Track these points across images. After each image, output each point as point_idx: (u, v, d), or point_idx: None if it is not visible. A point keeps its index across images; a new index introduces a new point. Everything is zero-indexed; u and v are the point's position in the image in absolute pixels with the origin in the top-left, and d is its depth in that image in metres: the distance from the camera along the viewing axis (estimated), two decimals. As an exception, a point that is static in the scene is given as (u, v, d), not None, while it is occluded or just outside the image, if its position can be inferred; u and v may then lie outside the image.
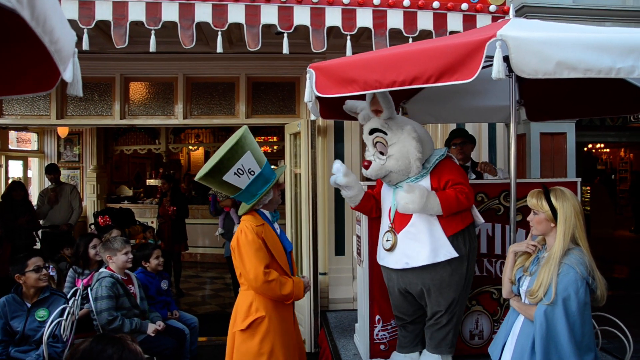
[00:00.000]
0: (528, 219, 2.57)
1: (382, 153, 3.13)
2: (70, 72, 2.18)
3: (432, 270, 3.10)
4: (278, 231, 3.16)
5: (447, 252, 3.08)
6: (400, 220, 3.19)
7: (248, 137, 2.91)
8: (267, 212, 3.12)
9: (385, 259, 3.29)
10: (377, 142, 3.16)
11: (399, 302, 3.40)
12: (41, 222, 7.08)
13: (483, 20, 3.93)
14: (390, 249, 3.21)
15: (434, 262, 3.07)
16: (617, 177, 14.70)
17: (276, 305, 2.96)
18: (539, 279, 2.37)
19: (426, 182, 3.13)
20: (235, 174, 2.85)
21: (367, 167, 3.16)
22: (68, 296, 3.81)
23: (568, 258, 2.36)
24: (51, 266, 4.50)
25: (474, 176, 4.42)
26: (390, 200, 3.24)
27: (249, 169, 2.89)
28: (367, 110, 3.21)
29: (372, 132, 3.17)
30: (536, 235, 2.59)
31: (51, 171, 7.29)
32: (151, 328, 3.86)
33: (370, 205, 3.45)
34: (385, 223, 3.32)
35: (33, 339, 3.54)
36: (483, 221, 3.34)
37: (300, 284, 3.05)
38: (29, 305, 3.61)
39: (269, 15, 3.78)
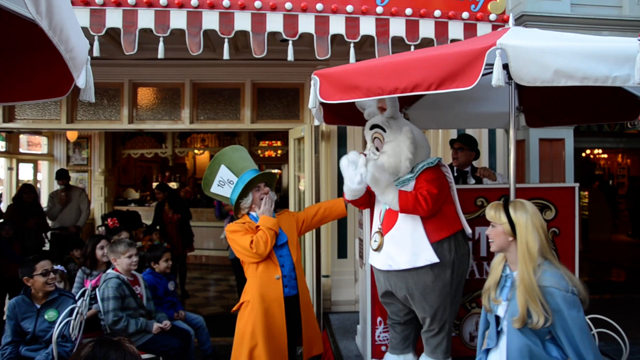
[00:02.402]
0: (486, 232, 2.48)
1: (377, 149, 3.21)
2: (84, 78, 2.27)
3: (415, 275, 3.13)
4: None
5: (428, 257, 3.09)
6: (388, 223, 3.26)
7: (227, 153, 3.39)
8: (254, 213, 3.40)
9: (373, 259, 3.36)
10: (375, 138, 3.24)
11: (388, 301, 3.45)
12: (51, 223, 7.18)
13: (483, 29, 4.01)
14: (377, 250, 3.28)
15: (415, 267, 3.10)
16: (614, 183, 14.74)
17: (261, 292, 3.24)
18: (522, 305, 2.23)
19: (412, 185, 3.18)
20: (218, 185, 3.36)
21: None
22: (77, 297, 3.89)
23: (544, 279, 2.23)
24: (60, 266, 4.58)
25: (473, 181, 4.48)
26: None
27: (228, 179, 3.35)
28: (373, 107, 3.30)
29: (372, 127, 3.26)
30: (497, 252, 2.50)
31: (61, 177, 7.39)
32: (155, 326, 3.93)
33: (364, 200, 3.47)
34: (376, 224, 3.39)
35: (43, 339, 3.60)
36: (470, 231, 3.39)
37: (262, 219, 3.28)
38: (38, 306, 3.66)
39: (275, 23, 3.87)
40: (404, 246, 3.15)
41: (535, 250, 2.27)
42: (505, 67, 2.43)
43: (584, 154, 12.86)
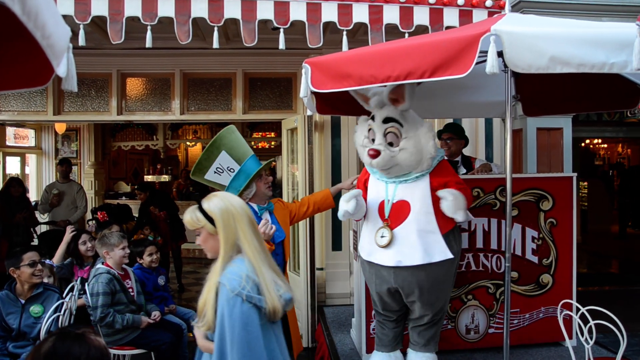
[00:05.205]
0: (197, 242, 2.18)
1: (391, 144, 2.97)
2: (64, 67, 2.18)
3: (429, 269, 3.00)
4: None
5: (442, 252, 2.99)
6: (397, 216, 3.07)
7: (226, 137, 3.15)
8: (255, 205, 3.24)
9: (376, 256, 3.12)
10: (389, 132, 2.98)
11: (387, 300, 3.26)
12: (45, 216, 7.08)
13: (479, 15, 3.92)
14: (387, 246, 3.05)
15: (430, 262, 2.99)
16: (614, 173, 14.67)
17: None
18: (202, 298, 2.01)
19: (426, 181, 3.04)
20: (215, 172, 3.14)
21: (374, 157, 2.96)
22: (66, 291, 3.82)
23: (224, 274, 1.98)
24: (49, 261, 4.51)
25: (464, 171, 4.42)
26: (384, 194, 3.12)
27: (228, 167, 3.13)
28: (382, 96, 3.03)
29: (386, 120, 2.99)
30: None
31: (64, 162, 7.28)
32: (144, 322, 3.87)
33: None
34: (376, 218, 3.16)
35: (30, 335, 3.54)
36: (472, 217, 3.36)
37: None
38: (22, 301, 3.59)
39: (265, 10, 3.78)
40: (416, 240, 2.99)
41: (232, 241, 2.02)
42: (501, 54, 2.37)
43: (583, 144, 12.81)
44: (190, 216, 2.09)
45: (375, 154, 2.97)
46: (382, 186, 3.16)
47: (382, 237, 3.08)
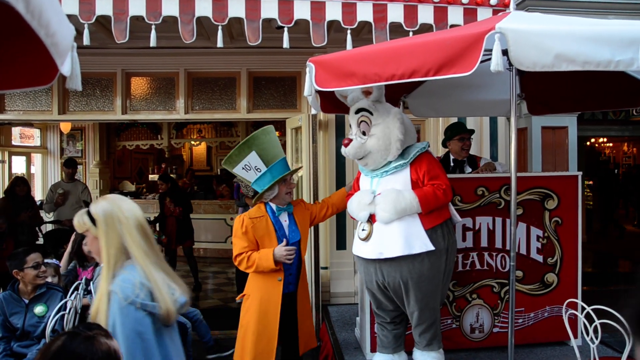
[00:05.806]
0: (87, 249, 2.10)
1: (364, 133, 3.07)
2: (69, 66, 2.18)
3: (411, 263, 3.00)
4: (285, 223, 3.38)
5: (423, 244, 2.98)
6: None
7: (260, 137, 3.24)
8: (274, 206, 3.37)
9: (361, 249, 3.17)
10: (361, 122, 3.09)
11: (380, 298, 3.28)
12: (50, 215, 7.10)
13: (484, 14, 3.92)
14: (366, 239, 3.11)
15: (411, 254, 2.98)
16: (620, 172, 14.61)
17: (261, 288, 3.31)
18: (94, 306, 1.91)
19: (406, 172, 3.06)
20: (243, 168, 3.26)
21: (346, 145, 3.10)
22: (71, 290, 3.83)
23: (115, 281, 1.89)
24: (55, 260, 4.53)
25: (470, 169, 4.41)
26: (369, 188, 3.18)
27: (255, 166, 3.24)
28: (357, 91, 3.16)
29: (358, 111, 3.11)
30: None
31: (70, 165, 7.30)
32: None
33: None
34: None
35: (34, 334, 3.55)
36: (460, 219, 3.31)
37: (267, 254, 3.20)
38: (26, 301, 3.60)
39: (269, 9, 3.78)
40: (397, 233, 3.00)
41: (118, 245, 1.95)
42: (506, 52, 2.36)
43: (588, 143, 12.75)
44: (78, 219, 2.03)
45: (348, 142, 3.11)
46: (368, 182, 3.21)
47: (362, 230, 3.17)
